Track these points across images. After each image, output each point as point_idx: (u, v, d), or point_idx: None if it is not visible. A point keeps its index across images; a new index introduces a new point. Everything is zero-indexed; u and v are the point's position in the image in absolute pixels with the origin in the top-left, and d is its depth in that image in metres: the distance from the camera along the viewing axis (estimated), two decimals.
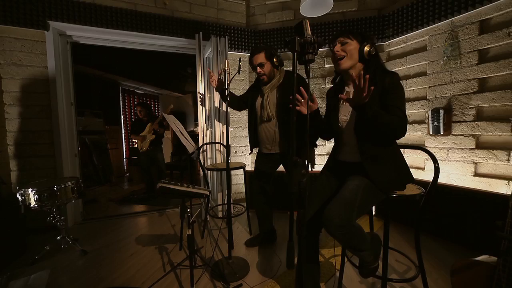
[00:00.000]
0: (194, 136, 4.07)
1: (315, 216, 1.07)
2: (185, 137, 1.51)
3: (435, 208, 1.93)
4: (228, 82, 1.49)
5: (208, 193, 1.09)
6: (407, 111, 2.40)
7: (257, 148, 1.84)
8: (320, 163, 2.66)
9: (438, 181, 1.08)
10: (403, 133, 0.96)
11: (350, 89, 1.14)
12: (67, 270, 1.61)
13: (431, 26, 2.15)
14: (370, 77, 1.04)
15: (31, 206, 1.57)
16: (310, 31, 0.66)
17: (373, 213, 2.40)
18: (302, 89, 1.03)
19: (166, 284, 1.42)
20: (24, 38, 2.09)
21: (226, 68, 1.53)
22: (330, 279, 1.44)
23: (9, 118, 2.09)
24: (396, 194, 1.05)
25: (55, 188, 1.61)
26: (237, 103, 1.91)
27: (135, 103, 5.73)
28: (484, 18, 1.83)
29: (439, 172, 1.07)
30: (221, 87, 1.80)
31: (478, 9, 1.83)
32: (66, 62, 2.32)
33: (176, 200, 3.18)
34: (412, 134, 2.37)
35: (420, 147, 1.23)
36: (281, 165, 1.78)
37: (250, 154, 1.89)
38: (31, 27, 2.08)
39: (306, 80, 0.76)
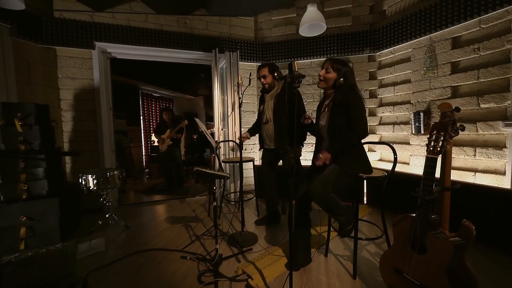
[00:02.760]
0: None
1: (305, 193, 1.47)
2: (209, 136, 1.94)
3: (404, 192, 2.29)
4: (242, 93, 1.91)
5: (228, 175, 1.51)
6: (395, 114, 2.77)
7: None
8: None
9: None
10: (364, 136, 1.38)
11: (327, 102, 1.55)
12: (116, 239, 2.07)
13: (414, 40, 2.50)
14: (336, 98, 1.45)
15: (90, 188, 2.05)
16: (297, 69, 1.07)
17: (365, 202, 2.80)
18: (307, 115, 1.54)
19: (194, 247, 1.87)
20: (76, 56, 2.60)
21: (240, 81, 1.96)
22: (321, 247, 1.83)
23: (65, 121, 2.59)
24: (365, 176, 1.44)
25: (108, 175, 2.08)
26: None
27: (161, 107, 6.42)
28: (455, 35, 2.18)
29: (397, 161, 1.45)
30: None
31: (451, 28, 2.18)
32: (107, 74, 2.82)
33: (193, 190, 3.66)
34: (400, 133, 2.72)
35: (386, 143, 1.61)
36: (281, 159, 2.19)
37: (259, 150, 2.35)
38: (81, 47, 2.58)
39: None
